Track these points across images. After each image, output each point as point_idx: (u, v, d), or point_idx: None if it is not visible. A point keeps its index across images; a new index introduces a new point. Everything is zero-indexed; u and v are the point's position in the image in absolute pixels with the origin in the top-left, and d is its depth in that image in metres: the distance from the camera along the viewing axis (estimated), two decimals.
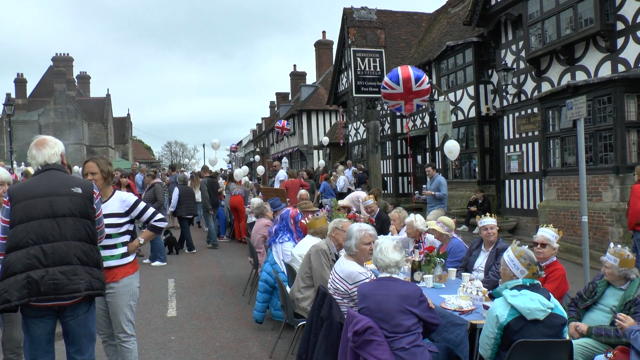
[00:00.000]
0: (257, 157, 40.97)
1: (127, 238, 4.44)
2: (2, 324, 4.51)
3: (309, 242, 6.43)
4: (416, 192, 18.68)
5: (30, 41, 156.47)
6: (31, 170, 4.20)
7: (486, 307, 4.09)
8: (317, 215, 7.19)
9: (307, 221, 7.03)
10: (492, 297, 4.43)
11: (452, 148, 14.12)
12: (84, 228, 3.67)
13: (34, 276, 3.42)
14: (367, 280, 4.38)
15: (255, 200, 11.43)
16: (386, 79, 12.08)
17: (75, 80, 64.77)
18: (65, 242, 3.55)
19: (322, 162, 25.13)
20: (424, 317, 3.86)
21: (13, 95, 56.21)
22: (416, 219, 6.94)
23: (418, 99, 11.74)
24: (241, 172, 16.73)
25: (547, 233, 5.13)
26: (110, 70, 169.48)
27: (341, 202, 10.02)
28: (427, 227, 6.84)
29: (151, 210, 4.58)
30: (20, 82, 60.84)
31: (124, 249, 4.38)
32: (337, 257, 5.73)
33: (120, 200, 4.43)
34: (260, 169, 24.83)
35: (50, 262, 3.48)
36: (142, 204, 4.53)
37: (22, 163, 29.73)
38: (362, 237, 4.67)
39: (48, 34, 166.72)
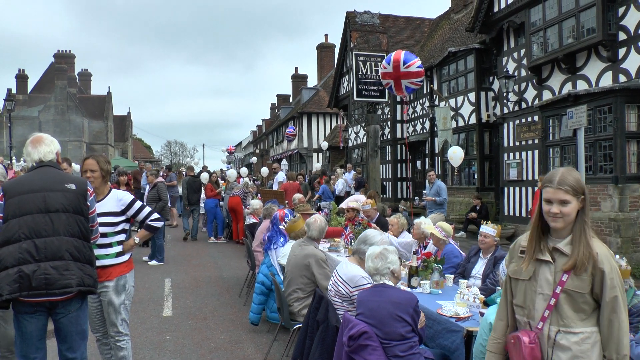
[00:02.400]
0: (255, 159, 41.04)
1: (122, 237, 4.43)
2: None
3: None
4: (416, 197, 18.69)
5: (34, 37, 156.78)
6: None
7: (483, 314, 4.08)
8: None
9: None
10: (486, 304, 4.42)
11: (453, 155, 14.10)
12: (77, 224, 3.66)
13: (25, 270, 3.41)
14: (369, 286, 4.37)
15: (255, 202, 11.43)
16: (384, 61, 12.58)
17: (77, 77, 64.76)
18: (58, 237, 3.54)
19: (318, 165, 25.16)
20: (415, 327, 3.85)
21: (14, 91, 56.17)
22: (424, 222, 6.92)
23: (406, 80, 12.23)
24: (234, 173, 16.83)
25: None
26: (112, 68, 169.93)
27: (350, 205, 9.88)
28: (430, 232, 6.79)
29: (147, 209, 4.57)
30: (21, 77, 60.79)
31: (119, 248, 4.37)
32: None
33: (116, 199, 4.42)
34: (264, 171, 24.83)
35: (42, 257, 3.47)
36: (138, 203, 4.52)
37: (22, 159, 29.69)
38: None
39: (52, 30, 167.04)
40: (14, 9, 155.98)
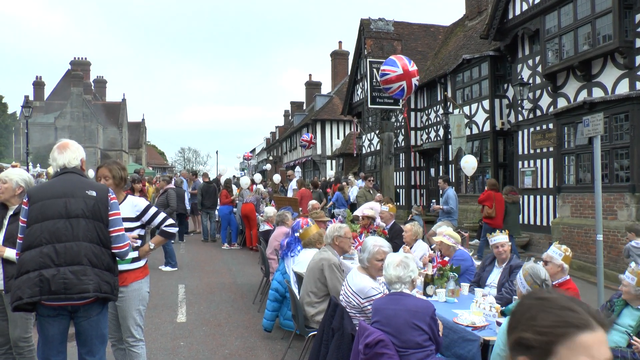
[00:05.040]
0: (269, 166, 41.20)
1: (137, 242, 4.46)
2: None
3: (307, 256, 6.41)
4: (431, 202, 18.67)
5: (51, 44, 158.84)
6: (51, 171, 4.27)
7: (499, 324, 4.05)
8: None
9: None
10: (504, 314, 4.38)
11: (466, 165, 14.04)
12: (96, 230, 3.69)
13: (45, 274, 3.46)
14: (380, 295, 4.37)
15: (269, 210, 11.44)
16: (384, 66, 13.18)
17: (92, 84, 65.36)
18: (77, 243, 3.58)
19: (331, 173, 25.17)
20: (432, 335, 3.83)
21: (31, 98, 56.86)
22: (440, 232, 6.95)
23: (415, 78, 12.90)
24: (247, 181, 17.01)
25: (551, 250, 5.13)
26: (127, 75, 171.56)
27: (365, 212, 9.86)
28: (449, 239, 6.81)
29: (162, 215, 4.60)
30: (38, 84, 61.67)
31: (134, 254, 4.39)
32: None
33: (131, 205, 4.48)
34: (277, 177, 24.87)
35: (62, 262, 3.51)
36: (153, 209, 4.56)
37: (38, 165, 29.99)
38: (375, 252, 4.67)
39: (70, 38, 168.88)
40: (31, 18, 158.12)
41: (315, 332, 4.99)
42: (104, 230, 3.76)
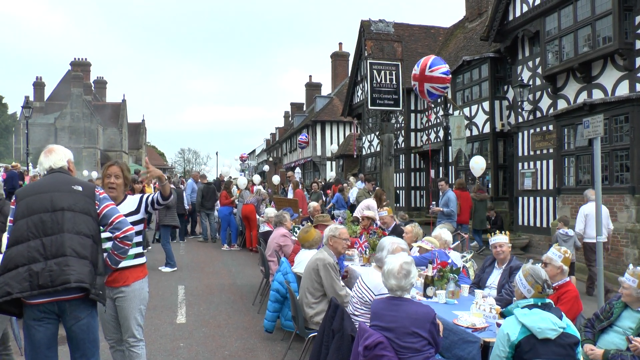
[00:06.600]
0: (267, 167, 41.18)
1: (140, 238, 4.48)
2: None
3: (306, 256, 6.44)
4: (432, 204, 18.66)
5: (52, 45, 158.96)
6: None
7: (499, 325, 4.05)
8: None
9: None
10: (503, 315, 4.38)
11: (475, 165, 13.98)
12: (84, 223, 3.66)
13: (34, 268, 3.41)
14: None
15: (269, 210, 11.44)
16: (416, 64, 13.21)
17: (92, 84, 65.36)
18: (62, 234, 3.54)
19: (332, 174, 25.13)
20: (432, 340, 3.83)
21: (31, 98, 56.88)
22: (442, 233, 7.04)
23: (429, 84, 12.71)
24: (244, 181, 17.07)
25: (550, 252, 5.15)
26: (128, 76, 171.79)
27: (365, 213, 9.86)
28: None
29: (154, 194, 4.66)
30: (38, 85, 61.79)
31: (137, 249, 4.40)
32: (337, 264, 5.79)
33: (130, 199, 4.56)
34: (276, 179, 24.87)
35: (48, 255, 3.47)
36: (146, 195, 4.64)
37: (37, 165, 29.97)
38: (393, 249, 4.81)
39: (70, 38, 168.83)
40: (31, 18, 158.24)
41: (315, 334, 5.00)
42: (92, 223, 3.72)
